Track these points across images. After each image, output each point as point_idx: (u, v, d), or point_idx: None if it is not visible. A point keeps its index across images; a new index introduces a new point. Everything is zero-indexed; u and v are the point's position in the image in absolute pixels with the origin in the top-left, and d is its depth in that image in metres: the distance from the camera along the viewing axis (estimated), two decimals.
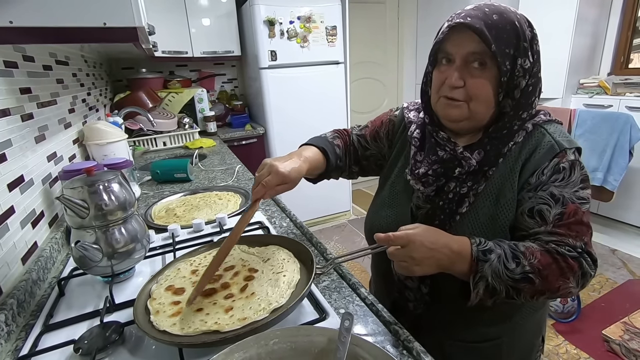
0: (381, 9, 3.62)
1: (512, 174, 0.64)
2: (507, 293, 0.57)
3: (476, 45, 0.59)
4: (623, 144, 2.29)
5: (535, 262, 0.57)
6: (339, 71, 2.74)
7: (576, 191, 0.61)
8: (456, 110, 0.64)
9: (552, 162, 0.62)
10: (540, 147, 0.63)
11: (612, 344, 1.57)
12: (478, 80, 0.61)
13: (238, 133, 2.60)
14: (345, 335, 0.42)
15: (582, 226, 0.60)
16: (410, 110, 0.83)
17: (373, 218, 0.81)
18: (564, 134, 0.65)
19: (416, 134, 0.76)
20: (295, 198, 0.99)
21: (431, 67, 0.68)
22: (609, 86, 2.63)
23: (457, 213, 0.67)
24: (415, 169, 0.72)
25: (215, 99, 2.99)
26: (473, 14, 0.60)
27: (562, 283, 0.58)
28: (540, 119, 0.66)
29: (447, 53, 0.64)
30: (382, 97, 3.87)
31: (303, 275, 0.65)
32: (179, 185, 1.39)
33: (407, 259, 0.56)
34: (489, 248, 0.57)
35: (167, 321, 0.55)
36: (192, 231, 0.95)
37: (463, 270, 0.57)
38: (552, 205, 0.60)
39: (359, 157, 0.88)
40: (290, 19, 2.46)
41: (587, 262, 0.59)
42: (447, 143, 0.68)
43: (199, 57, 2.57)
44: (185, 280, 0.66)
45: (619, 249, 2.38)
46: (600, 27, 2.78)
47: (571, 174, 0.61)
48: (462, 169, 0.66)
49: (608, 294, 1.96)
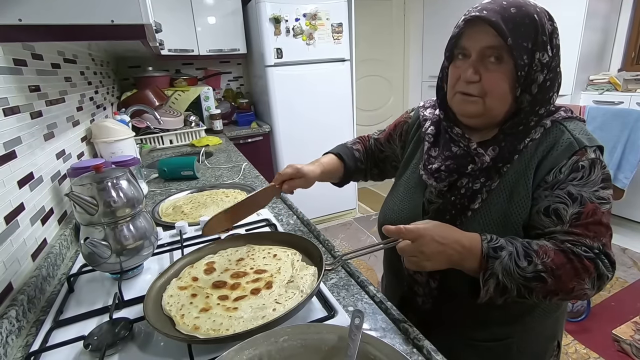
0: (387, 6, 3.60)
1: (528, 172, 0.63)
2: (519, 291, 0.56)
3: (492, 39, 0.58)
4: (634, 140, 2.26)
5: (548, 261, 0.55)
6: (345, 69, 2.73)
7: (596, 191, 0.59)
8: (472, 105, 0.63)
9: (571, 160, 0.60)
10: (559, 145, 0.61)
11: (623, 344, 1.55)
12: (494, 74, 0.60)
13: (244, 131, 2.60)
14: (355, 332, 0.42)
15: (601, 227, 0.58)
16: (425, 107, 0.83)
17: (386, 212, 0.81)
18: (584, 131, 0.63)
19: (430, 130, 0.76)
20: (302, 196, 1.00)
21: (447, 63, 0.67)
22: (620, 82, 2.59)
23: (469, 209, 0.66)
24: (428, 164, 0.72)
25: (221, 97, 2.99)
26: (490, 7, 0.59)
27: (577, 284, 0.56)
28: (560, 116, 0.64)
29: (462, 48, 0.63)
30: (387, 95, 3.85)
31: (312, 273, 0.65)
32: (186, 183, 1.40)
33: (418, 254, 0.55)
34: (500, 245, 0.56)
35: (192, 322, 0.55)
36: (199, 228, 0.95)
37: (473, 266, 0.56)
38: (570, 205, 0.58)
39: (376, 159, 0.94)
40: (296, 16, 2.45)
41: (604, 263, 0.57)
42: (462, 139, 0.68)
43: (205, 55, 2.57)
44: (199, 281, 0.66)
45: (629, 247, 2.34)
46: (611, 23, 2.73)
47: (591, 173, 0.59)
48: (475, 165, 0.65)
49: (618, 293, 1.93)
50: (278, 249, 0.75)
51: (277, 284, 0.63)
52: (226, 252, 0.76)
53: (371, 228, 2.92)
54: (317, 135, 2.74)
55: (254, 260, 0.72)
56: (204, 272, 0.69)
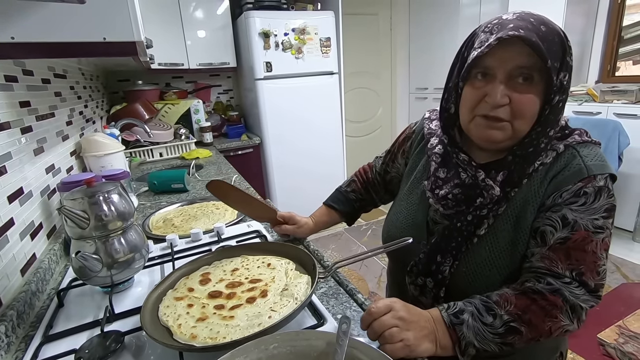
0: (374, 20, 3.69)
1: (536, 197, 0.60)
2: (501, 350, 0.54)
3: (526, 59, 0.55)
4: (612, 149, 2.34)
5: (512, 308, 0.54)
6: (334, 81, 2.78)
7: (596, 219, 0.56)
8: (499, 132, 0.59)
9: (576, 185, 0.57)
10: (567, 169, 0.59)
11: (608, 348, 1.58)
12: (526, 96, 0.56)
13: (234, 143, 2.62)
14: (342, 338, 0.43)
15: (585, 255, 0.56)
16: (432, 120, 0.79)
17: (390, 229, 0.80)
18: (599, 157, 0.59)
19: (437, 149, 0.72)
20: (292, 208, 1.02)
21: (462, 83, 0.61)
22: (597, 94, 2.69)
23: (475, 235, 0.64)
24: (435, 188, 0.69)
25: (211, 109, 3.01)
26: (522, 25, 0.54)
27: (552, 323, 0.54)
28: (574, 140, 0.61)
29: (486, 67, 0.58)
30: (376, 107, 3.92)
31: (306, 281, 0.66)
32: (176, 196, 1.40)
33: (397, 322, 0.52)
34: (459, 309, 0.55)
35: (189, 331, 0.56)
36: (190, 241, 0.96)
37: (447, 342, 0.54)
38: (559, 228, 0.57)
39: (385, 183, 0.93)
40: (285, 30, 2.50)
41: (572, 293, 0.55)
42: (468, 167, 0.64)
43: (195, 68, 2.60)
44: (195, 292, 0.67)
45: (612, 253, 2.40)
46: (587, 37, 2.86)
47: (595, 200, 0.56)
48: (484, 199, 0.62)
49: (603, 298, 1.97)
50: (272, 259, 0.76)
51: (272, 293, 0.64)
52: (221, 263, 0.77)
53: (362, 238, 2.93)
54: (307, 147, 2.77)
55: (248, 270, 0.73)
56: (199, 282, 0.69)
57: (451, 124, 0.67)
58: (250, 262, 0.75)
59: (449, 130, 0.68)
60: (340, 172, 3.00)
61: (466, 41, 0.63)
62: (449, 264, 0.66)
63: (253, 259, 0.76)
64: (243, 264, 0.74)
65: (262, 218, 0.96)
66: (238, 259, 0.76)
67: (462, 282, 0.65)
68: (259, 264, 0.73)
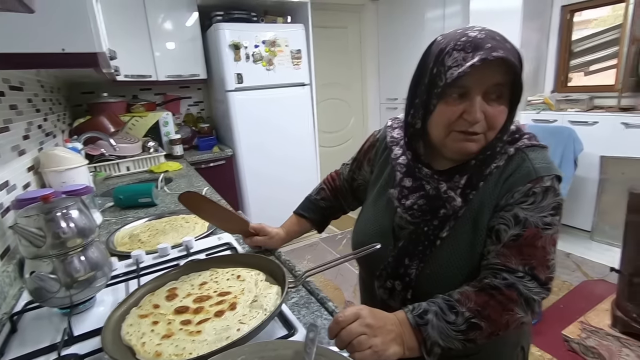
0: (343, 33, 3.79)
1: (491, 198, 0.64)
2: (464, 346, 0.57)
3: (502, 77, 0.58)
4: (568, 155, 2.49)
5: (472, 305, 0.56)
6: (305, 93, 2.81)
7: (544, 216, 0.60)
8: (475, 144, 0.62)
9: (525, 186, 0.61)
10: (517, 172, 0.63)
11: (572, 343, 1.66)
12: (498, 109, 0.60)
13: (205, 155, 2.58)
14: (310, 346, 0.43)
15: (536, 250, 0.59)
16: (394, 128, 0.81)
17: (358, 234, 0.81)
18: (545, 160, 0.63)
19: (402, 160, 0.74)
20: (266, 219, 1.02)
21: (436, 100, 0.62)
22: (553, 103, 2.87)
23: (439, 237, 0.67)
24: (402, 197, 0.71)
25: (181, 121, 2.96)
26: (498, 45, 0.56)
27: (509, 316, 0.57)
28: (524, 144, 0.65)
29: (464, 87, 0.59)
30: (348, 117, 3.99)
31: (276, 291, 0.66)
32: (144, 211, 1.36)
33: (364, 329, 0.52)
34: (424, 309, 0.57)
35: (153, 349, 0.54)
36: (158, 256, 0.93)
37: (413, 343, 0.56)
38: (511, 226, 0.60)
39: (353, 190, 0.93)
40: (255, 42, 2.51)
41: (526, 286, 0.58)
42: (431, 180, 0.67)
43: (164, 80, 2.55)
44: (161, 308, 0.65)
45: (573, 252, 2.54)
46: (542, 50, 3.05)
47: (543, 199, 0.60)
48: (447, 210, 0.66)
49: (565, 296, 2.08)
50: (242, 270, 0.75)
51: (241, 305, 0.63)
52: (188, 277, 0.75)
53: (337, 247, 2.94)
54: (280, 158, 2.77)
55: (217, 283, 0.71)
56: (165, 298, 0.67)
57: (416, 138, 0.69)
58: (220, 275, 0.73)
59: (413, 145, 0.70)
60: (314, 182, 2.99)
61: (433, 58, 0.61)
62: (416, 266, 0.68)
63: (222, 271, 0.75)
64: (212, 277, 0.73)
65: (234, 230, 0.95)
66: (207, 273, 0.75)
67: (428, 283, 0.67)
68: (228, 277, 0.72)
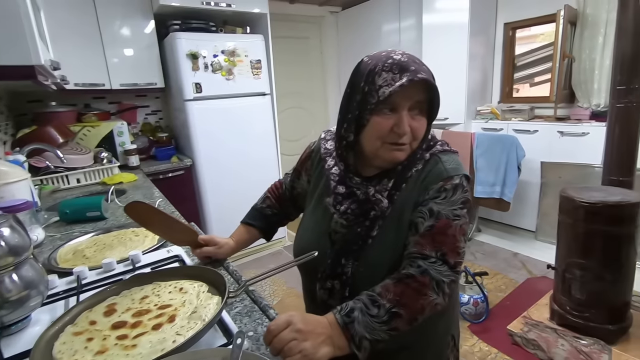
0: (304, 44, 3.86)
1: (412, 197, 0.72)
2: (390, 336, 0.61)
3: (424, 95, 0.68)
4: (512, 161, 2.69)
5: (391, 296, 0.62)
6: (266, 102, 2.83)
7: (454, 209, 0.68)
8: (403, 153, 0.71)
9: (438, 184, 0.70)
10: (432, 173, 0.72)
11: (515, 337, 1.78)
12: (420, 123, 0.70)
13: (164, 166, 2.52)
14: (237, 352, 0.46)
15: (446, 238, 0.67)
16: (327, 140, 0.87)
17: (298, 242, 0.86)
18: (455, 162, 0.74)
19: (335, 170, 0.80)
20: (228, 229, 1.03)
21: (370, 115, 0.69)
22: (499, 112, 3.09)
23: (370, 237, 0.73)
24: (336, 203, 0.77)
25: (138, 131, 2.88)
26: (418, 67, 0.66)
27: (424, 300, 0.63)
28: (437, 149, 0.75)
29: (394, 103, 0.67)
30: (310, 125, 4.05)
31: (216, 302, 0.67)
32: (92, 225, 1.32)
33: (295, 334, 0.55)
34: (350, 308, 0.61)
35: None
36: (102, 272, 0.91)
37: (342, 342, 0.59)
38: (427, 218, 0.68)
39: (293, 198, 0.97)
40: (214, 52, 2.51)
41: (437, 270, 0.64)
42: (361, 186, 0.74)
43: (119, 89, 2.48)
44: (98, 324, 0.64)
45: (519, 252, 2.72)
46: (488, 63, 3.27)
47: (453, 195, 0.69)
48: (376, 212, 0.73)
49: (512, 292, 2.23)
50: (185, 283, 0.75)
51: (180, 317, 0.64)
52: (130, 292, 0.75)
53: None
54: (241, 167, 2.76)
55: (159, 296, 0.71)
56: (103, 314, 0.67)
57: (348, 150, 0.75)
58: (162, 288, 0.74)
59: (345, 156, 0.76)
60: None
61: (364, 77, 0.69)
62: (351, 265, 0.74)
63: (165, 284, 0.75)
64: (154, 290, 0.73)
65: (183, 242, 0.95)
66: (150, 286, 0.75)
67: (363, 280, 0.72)
68: (170, 290, 0.73)
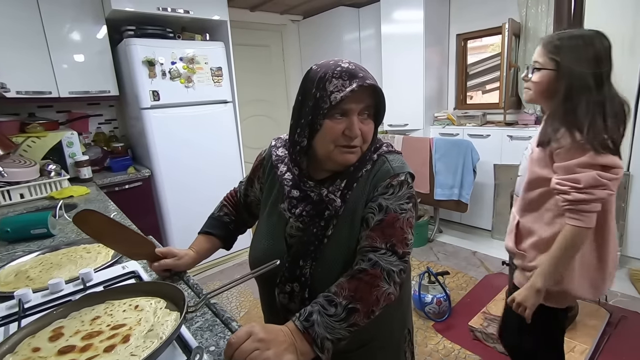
0: (266, 51, 3.85)
1: (363, 195, 0.75)
2: (350, 332, 0.63)
3: (371, 99, 0.72)
4: (468, 164, 2.83)
5: (346, 293, 0.64)
6: (228, 110, 2.79)
7: (401, 203, 0.73)
8: (354, 155, 0.74)
9: (386, 181, 0.74)
10: (380, 172, 0.76)
11: (476, 333, 1.86)
12: (369, 126, 0.74)
13: (119, 177, 2.40)
14: None
15: (395, 230, 0.70)
16: (277, 147, 0.88)
17: (253, 250, 0.85)
18: (400, 161, 0.79)
19: (287, 176, 0.80)
20: (190, 241, 0.99)
21: (322, 120, 0.71)
22: (455, 118, 3.25)
23: (325, 236, 0.75)
24: (291, 207, 0.78)
25: (90, 141, 2.72)
26: (365, 75, 0.70)
27: (377, 292, 0.65)
28: (383, 150, 0.80)
29: (345, 109, 0.70)
30: (274, 132, 3.96)
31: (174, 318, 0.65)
32: (37, 243, 1.22)
33: (257, 344, 0.56)
34: (309, 312, 0.62)
35: None
36: (48, 293, 0.85)
37: (305, 347, 0.59)
38: (376, 213, 0.72)
39: (247, 206, 0.97)
40: (172, 59, 2.44)
41: (387, 260, 0.67)
42: (315, 188, 0.76)
43: (68, 97, 2.34)
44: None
45: (478, 250, 2.86)
46: (443, 72, 3.44)
47: (400, 190, 0.74)
48: (330, 211, 0.75)
49: (472, 290, 2.33)
50: (141, 300, 0.72)
51: (135, 336, 0.61)
52: (79, 313, 0.70)
53: None
54: (203, 176, 2.69)
55: (112, 316, 0.67)
56: (48, 340, 0.62)
57: (301, 155, 0.77)
58: (116, 307, 0.70)
59: (299, 161, 0.78)
60: None
61: (314, 84, 0.72)
62: (309, 266, 0.75)
63: (119, 303, 0.71)
64: (107, 310, 0.69)
65: (140, 255, 0.90)
66: (101, 306, 0.71)
67: (321, 280, 0.73)
68: (125, 308, 0.69)
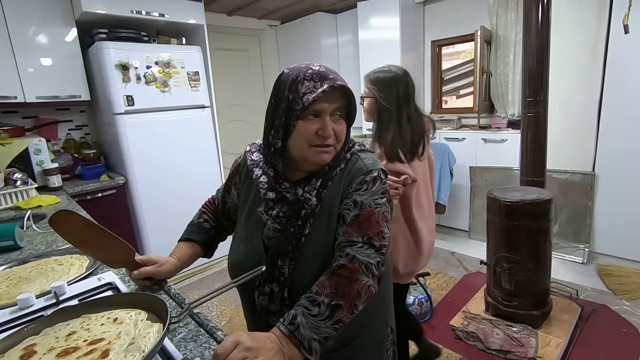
0: (244, 56, 3.83)
1: (338, 193, 0.77)
2: (335, 330, 0.63)
3: (343, 101, 0.75)
4: (445, 167, 2.90)
5: (328, 290, 0.65)
6: (206, 115, 2.74)
7: (375, 198, 0.75)
8: (329, 155, 0.76)
9: (360, 178, 0.76)
10: (353, 169, 0.78)
11: (457, 331, 1.89)
12: (342, 127, 0.77)
13: (91, 185, 2.30)
14: None
15: (371, 224, 0.72)
16: (252, 152, 0.89)
17: (232, 256, 0.84)
18: (372, 159, 0.81)
19: (263, 179, 0.81)
20: (168, 251, 0.95)
21: (296, 121, 0.73)
22: None
23: (303, 235, 0.75)
24: (268, 209, 0.79)
25: (60, 148, 2.60)
26: (335, 76, 0.73)
27: (357, 285, 0.66)
28: (356, 149, 0.82)
29: (317, 110, 0.72)
30: (254, 137, 3.86)
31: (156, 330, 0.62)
32: (4, 256, 1.15)
33: (245, 353, 0.55)
34: (292, 316, 0.63)
35: None
36: (17, 309, 0.80)
37: (293, 351, 0.60)
38: (352, 209, 0.74)
39: (226, 212, 0.97)
40: (147, 63, 2.38)
41: (364, 254, 0.69)
42: (290, 189, 0.77)
43: (35, 102, 2.23)
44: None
45: (456, 251, 2.93)
46: (419, 77, 3.52)
47: (373, 186, 0.76)
48: (306, 210, 0.76)
49: (452, 290, 2.38)
50: (120, 312, 0.68)
51: (115, 351, 0.58)
52: (53, 329, 0.66)
53: None
54: (181, 182, 2.62)
55: (89, 330, 0.64)
56: (19, 358, 0.58)
57: (276, 157, 0.78)
58: (93, 321, 0.66)
59: (274, 163, 0.78)
60: None
61: (287, 87, 0.73)
62: (288, 265, 0.75)
63: (96, 317, 0.68)
64: (83, 324, 0.65)
65: (119, 262, 0.86)
66: (77, 321, 0.67)
67: (300, 278, 0.74)
68: (103, 321, 0.66)
